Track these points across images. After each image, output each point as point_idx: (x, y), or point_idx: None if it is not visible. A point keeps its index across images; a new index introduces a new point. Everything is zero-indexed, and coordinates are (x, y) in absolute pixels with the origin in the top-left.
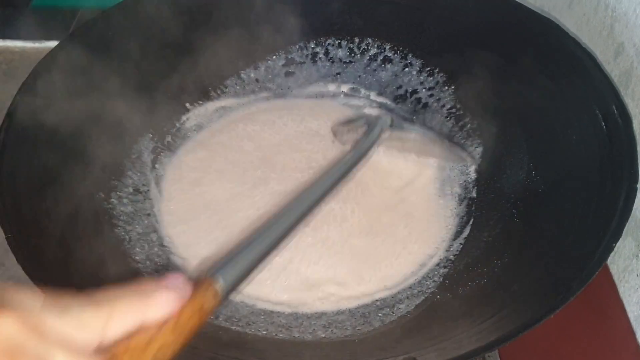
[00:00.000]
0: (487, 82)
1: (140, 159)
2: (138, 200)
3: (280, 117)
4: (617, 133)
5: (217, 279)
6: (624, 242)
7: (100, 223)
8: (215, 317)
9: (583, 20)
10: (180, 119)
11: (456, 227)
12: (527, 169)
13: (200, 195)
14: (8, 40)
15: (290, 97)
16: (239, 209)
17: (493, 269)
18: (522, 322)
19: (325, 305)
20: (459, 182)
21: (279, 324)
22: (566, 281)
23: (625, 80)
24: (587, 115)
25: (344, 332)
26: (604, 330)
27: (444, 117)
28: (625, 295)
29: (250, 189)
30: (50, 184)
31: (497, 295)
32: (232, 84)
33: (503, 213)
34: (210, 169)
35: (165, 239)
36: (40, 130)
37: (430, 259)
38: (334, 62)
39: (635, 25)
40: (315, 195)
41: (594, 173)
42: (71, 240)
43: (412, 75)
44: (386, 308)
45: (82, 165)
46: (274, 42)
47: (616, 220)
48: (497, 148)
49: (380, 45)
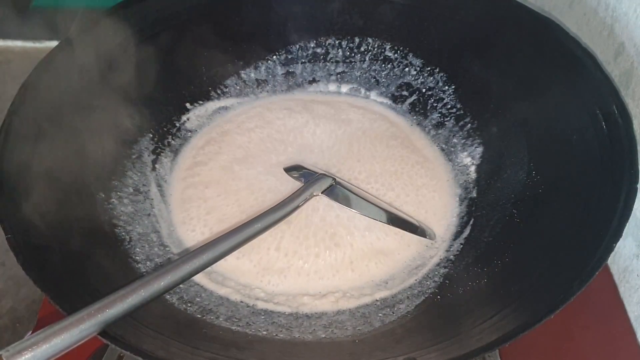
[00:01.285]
0: (487, 82)
1: (140, 159)
2: (138, 200)
3: (281, 117)
4: (617, 133)
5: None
6: (624, 242)
7: (100, 223)
8: (215, 317)
9: (583, 20)
10: (180, 119)
11: (456, 227)
12: (527, 169)
13: (201, 195)
14: (8, 40)
15: (291, 97)
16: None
17: (493, 269)
18: (522, 322)
19: (325, 305)
20: (459, 182)
21: (279, 324)
22: (566, 281)
23: (626, 81)
24: (587, 115)
25: (344, 332)
26: (604, 330)
27: (444, 117)
28: (625, 295)
29: (252, 188)
30: (51, 184)
31: (497, 295)
32: (232, 84)
33: (503, 213)
34: (211, 169)
35: (165, 238)
36: (40, 130)
37: (430, 259)
38: (334, 62)
39: (636, 25)
40: (222, 248)
41: (594, 173)
42: (71, 241)
43: (412, 75)
44: (386, 308)
45: (83, 166)
46: (274, 42)
47: (616, 220)
48: (497, 148)
49: (380, 45)
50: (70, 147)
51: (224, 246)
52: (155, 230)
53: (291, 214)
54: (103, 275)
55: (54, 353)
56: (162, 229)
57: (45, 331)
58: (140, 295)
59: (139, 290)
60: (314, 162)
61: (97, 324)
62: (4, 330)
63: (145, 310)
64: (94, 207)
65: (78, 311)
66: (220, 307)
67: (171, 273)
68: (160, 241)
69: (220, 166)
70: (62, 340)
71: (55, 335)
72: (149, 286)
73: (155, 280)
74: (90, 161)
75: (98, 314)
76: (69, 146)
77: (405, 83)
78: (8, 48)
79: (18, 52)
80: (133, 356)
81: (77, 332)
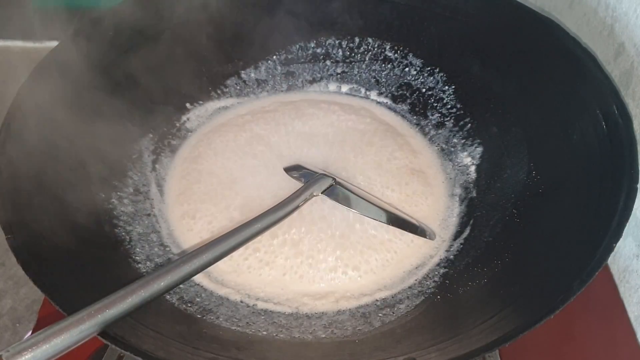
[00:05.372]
0: (487, 82)
1: (140, 159)
2: (138, 200)
3: (281, 117)
4: (617, 133)
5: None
6: (624, 242)
7: (100, 223)
8: (215, 317)
9: (583, 20)
10: (180, 119)
11: (456, 227)
12: (527, 169)
13: (201, 195)
14: (8, 40)
15: (291, 97)
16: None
17: (493, 269)
18: (522, 322)
19: (325, 305)
20: (459, 182)
21: (279, 324)
22: (566, 281)
23: (626, 81)
24: (587, 115)
25: (344, 332)
26: (604, 330)
27: (444, 117)
28: (625, 295)
29: (252, 188)
30: (51, 185)
31: (497, 295)
32: (232, 84)
33: (503, 213)
34: (211, 169)
35: (165, 238)
36: (40, 130)
37: (430, 259)
38: (334, 62)
39: (636, 25)
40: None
41: (594, 173)
42: (71, 241)
43: (412, 75)
44: (386, 308)
45: (83, 166)
46: (274, 42)
47: (616, 220)
48: (497, 148)
49: (380, 45)
50: (70, 147)
51: (224, 246)
52: (155, 230)
53: (291, 214)
54: (103, 275)
55: (54, 353)
56: (162, 229)
57: (45, 331)
58: (140, 295)
59: (139, 290)
60: (314, 162)
61: (97, 324)
62: (4, 330)
63: (145, 310)
64: (94, 208)
65: (78, 311)
66: (220, 307)
67: (171, 273)
68: (160, 241)
69: (220, 166)
70: (62, 340)
71: (55, 336)
72: (149, 286)
73: (155, 280)
74: (90, 161)
75: (98, 314)
76: (68, 146)
77: (405, 83)
78: (8, 48)
79: (18, 52)
80: (133, 356)
81: (77, 332)
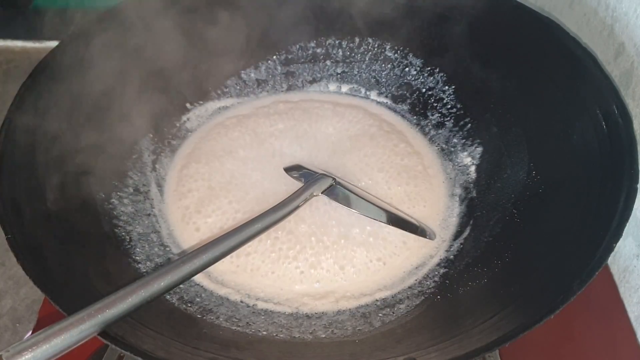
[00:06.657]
0: (487, 82)
1: (140, 159)
2: (138, 200)
3: (281, 117)
4: (617, 133)
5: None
6: (624, 242)
7: (100, 223)
8: (215, 317)
9: (583, 20)
10: (180, 119)
11: (456, 227)
12: (527, 169)
13: (201, 195)
14: (8, 40)
15: (291, 97)
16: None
17: (493, 269)
18: (522, 322)
19: (325, 305)
20: (459, 182)
21: (279, 324)
22: (566, 281)
23: (626, 81)
24: (587, 115)
25: (344, 332)
26: (604, 330)
27: (444, 117)
28: (625, 295)
29: (252, 188)
30: (51, 185)
31: (497, 295)
32: (232, 84)
33: (503, 213)
34: (211, 169)
35: (165, 238)
36: (40, 130)
37: (430, 259)
38: (334, 62)
39: (636, 25)
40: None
41: (594, 173)
42: (71, 241)
43: (412, 75)
44: (386, 308)
45: (83, 166)
46: (274, 42)
47: (616, 220)
48: (497, 148)
49: (380, 45)
50: (70, 147)
51: (224, 246)
52: (155, 230)
53: (291, 214)
54: (103, 275)
55: (54, 353)
56: (162, 229)
57: (45, 331)
58: (140, 295)
59: (139, 290)
60: (314, 162)
61: (97, 324)
62: (4, 330)
63: (145, 310)
64: (94, 207)
65: (78, 311)
66: (220, 307)
67: (171, 273)
68: (160, 241)
69: (220, 166)
70: (62, 340)
71: (55, 336)
72: (149, 286)
73: (155, 280)
74: (90, 161)
75: (98, 314)
76: (68, 146)
77: (405, 83)
78: (8, 48)
79: (18, 52)
80: (133, 356)
81: (77, 332)
